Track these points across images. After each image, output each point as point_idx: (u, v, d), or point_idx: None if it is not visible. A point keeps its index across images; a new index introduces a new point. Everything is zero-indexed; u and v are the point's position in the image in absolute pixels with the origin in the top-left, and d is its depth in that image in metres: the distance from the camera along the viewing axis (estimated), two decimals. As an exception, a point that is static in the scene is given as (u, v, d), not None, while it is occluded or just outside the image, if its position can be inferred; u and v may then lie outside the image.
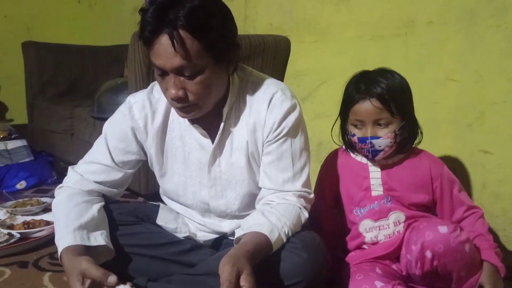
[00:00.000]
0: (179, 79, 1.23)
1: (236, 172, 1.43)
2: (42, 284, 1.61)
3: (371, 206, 1.58)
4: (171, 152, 1.47)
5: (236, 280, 1.05)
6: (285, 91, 1.39)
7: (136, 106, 1.44)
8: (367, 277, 1.43)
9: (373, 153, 1.51)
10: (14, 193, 2.78)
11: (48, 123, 3.58)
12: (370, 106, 1.47)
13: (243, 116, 1.39)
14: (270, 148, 1.38)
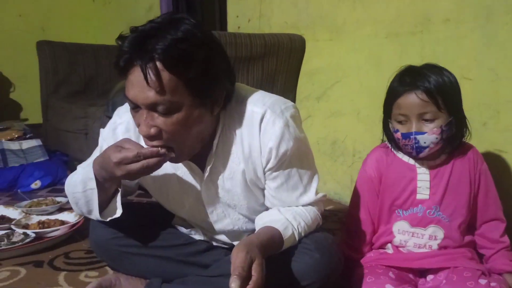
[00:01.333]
0: (152, 116, 1.13)
1: (233, 197, 1.38)
2: (57, 283, 1.63)
3: (414, 210, 1.54)
4: (164, 178, 1.40)
5: (248, 267, 1.05)
6: (274, 108, 1.27)
7: (121, 128, 1.37)
8: (378, 280, 1.43)
9: (417, 149, 1.45)
10: (29, 193, 2.82)
11: (63, 122, 3.60)
12: (416, 98, 1.41)
13: (234, 145, 1.31)
14: (275, 174, 1.31)
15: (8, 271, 1.72)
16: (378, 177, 1.58)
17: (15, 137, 3.25)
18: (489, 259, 1.57)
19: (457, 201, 1.52)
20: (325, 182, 2.70)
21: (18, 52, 4.48)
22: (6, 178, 2.89)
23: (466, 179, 1.52)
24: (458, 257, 1.51)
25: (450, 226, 1.52)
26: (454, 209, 1.52)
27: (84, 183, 1.31)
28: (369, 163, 1.61)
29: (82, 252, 1.89)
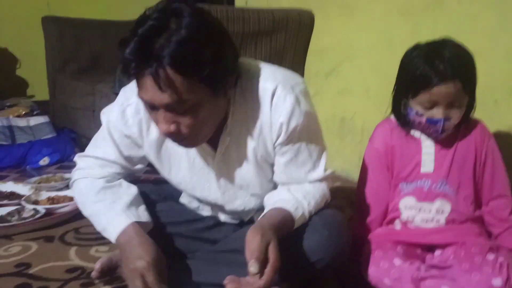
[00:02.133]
0: (169, 114, 1.12)
1: (245, 176, 1.38)
2: (68, 258, 1.67)
3: (418, 183, 1.55)
4: (174, 159, 1.39)
5: (265, 250, 1.07)
6: (285, 83, 1.27)
7: (130, 110, 1.33)
8: (386, 254, 1.45)
9: (441, 133, 1.46)
10: (38, 169, 2.85)
11: (70, 99, 3.60)
12: (452, 89, 1.39)
13: (245, 122, 1.30)
14: (284, 149, 1.31)
15: (20, 246, 1.76)
16: (386, 150, 1.58)
17: (22, 113, 3.28)
18: (498, 237, 1.58)
19: (463, 174, 1.53)
20: (333, 159, 2.69)
21: (24, 28, 4.43)
22: (15, 155, 2.92)
23: (472, 153, 1.53)
24: (466, 232, 1.53)
25: (456, 200, 1.54)
26: (460, 183, 1.53)
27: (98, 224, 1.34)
28: (375, 138, 1.62)
29: (92, 228, 1.84)
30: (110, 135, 1.37)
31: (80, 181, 1.41)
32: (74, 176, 1.44)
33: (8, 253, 1.70)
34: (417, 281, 1.37)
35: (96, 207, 1.33)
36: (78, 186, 1.41)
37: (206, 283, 1.34)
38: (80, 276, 1.54)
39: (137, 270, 1.16)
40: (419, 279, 1.37)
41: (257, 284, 1.04)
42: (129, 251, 1.21)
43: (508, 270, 1.36)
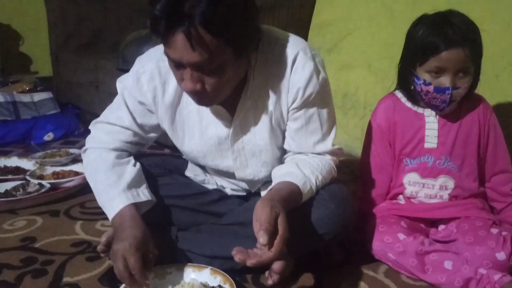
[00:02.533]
0: (196, 73, 1.13)
1: (259, 142, 1.38)
2: (74, 232, 1.66)
3: (422, 159, 1.54)
4: (188, 127, 1.40)
5: (274, 222, 1.06)
6: (306, 50, 1.28)
7: (145, 76, 1.34)
8: (390, 229, 1.45)
9: (449, 103, 1.44)
10: (42, 145, 2.85)
11: (73, 75, 3.61)
12: (461, 53, 1.37)
13: (265, 87, 1.31)
14: (297, 114, 1.33)
15: (25, 220, 1.75)
16: (388, 126, 1.57)
17: (26, 89, 3.26)
18: (500, 212, 1.58)
19: (467, 151, 1.52)
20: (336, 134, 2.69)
21: (26, 4, 4.41)
22: (19, 130, 2.92)
23: (475, 129, 1.52)
24: (469, 207, 1.52)
25: (460, 176, 1.53)
26: (463, 159, 1.52)
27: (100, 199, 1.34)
28: (378, 113, 1.61)
29: (97, 202, 1.89)
30: (125, 102, 1.38)
31: (92, 151, 1.41)
32: (86, 144, 1.44)
33: (13, 227, 1.69)
34: (421, 255, 1.36)
35: (101, 183, 1.33)
36: (89, 156, 1.41)
37: (213, 256, 1.34)
38: (86, 250, 1.53)
39: (119, 251, 1.14)
40: (423, 253, 1.36)
41: (267, 255, 1.04)
42: (118, 233, 1.21)
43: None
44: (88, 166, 1.40)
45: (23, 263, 1.43)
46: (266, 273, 1.33)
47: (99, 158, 1.37)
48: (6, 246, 1.54)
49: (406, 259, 1.38)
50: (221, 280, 1.25)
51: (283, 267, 1.29)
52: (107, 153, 1.38)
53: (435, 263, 1.34)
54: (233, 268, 1.32)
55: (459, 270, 1.31)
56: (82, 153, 1.45)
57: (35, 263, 1.43)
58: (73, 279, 1.35)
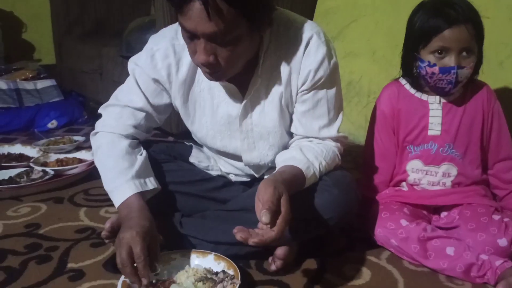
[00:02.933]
0: (210, 45, 1.13)
1: (268, 123, 1.39)
2: (78, 218, 1.67)
3: (426, 146, 1.55)
4: (199, 105, 1.42)
5: (277, 202, 1.06)
6: (320, 34, 1.30)
7: (159, 54, 1.35)
8: (393, 215, 1.46)
9: (454, 84, 1.43)
10: (46, 132, 2.87)
11: (77, 63, 3.60)
12: (464, 31, 1.38)
13: (277, 65, 1.32)
14: (305, 97, 1.34)
15: (29, 207, 1.77)
16: (392, 113, 1.57)
17: (29, 77, 3.26)
18: (503, 199, 1.58)
19: (470, 138, 1.52)
20: (341, 122, 2.71)
21: (29, -10, 4.44)
22: (23, 118, 2.93)
23: (479, 116, 1.52)
24: (472, 194, 1.52)
25: (463, 163, 1.53)
26: (467, 147, 1.52)
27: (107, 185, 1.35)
28: (382, 99, 1.61)
29: (101, 189, 1.87)
30: (137, 83, 1.39)
31: (104, 135, 1.40)
32: (97, 127, 1.44)
33: (17, 214, 1.71)
34: (423, 241, 1.37)
35: (111, 169, 1.34)
36: (100, 139, 1.40)
37: (217, 242, 1.35)
38: (90, 236, 1.54)
39: (125, 239, 1.15)
40: (426, 239, 1.37)
41: (269, 235, 1.03)
42: (125, 222, 1.21)
43: None
44: (98, 149, 1.40)
45: (27, 249, 1.45)
46: (269, 259, 1.35)
47: (112, 144, 1.37)
48: (10, 232, 1.56)
49: (408, 245, 1.38)
50: (225, 266, 1.26)
51: (286, 253, 1.31)
52: (119, 140, 1.38)
53: (437, 249, 1.35)
54: (237, 254, 1.34)
55: (461, 256, 1.32)
56: (92, 136, 1.45)
57: (39, 249, 1.45)
58: (78, 265, 1.36)
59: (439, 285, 1.31)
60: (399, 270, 1.37)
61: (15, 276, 1.30)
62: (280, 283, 1.29)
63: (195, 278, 1.18)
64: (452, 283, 1.31)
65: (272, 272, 1.33)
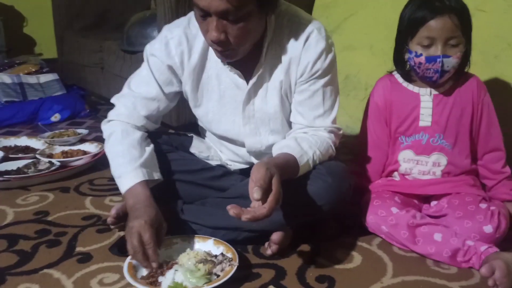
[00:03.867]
0: (222, 23, 1.23)
1: (270, 110, 1.51)
2: (84, 207, 1.79)
3: (417, 137, 1.65)
4: (207, 90, 1.53)
5: (269, 181, 1.16)
6: (321, 30, 1.42)
7: (173, 42, 1.47)
8: (384, 203, 1.56)
9: (441, 73, 1.52)
10: (49, 125, 2.97)
11: (78, 56, 3.70)
12: (448, 22, 1.47)
13: (280, 54, 1.44)
14: (303, 87, 1.46)
15: (37, 196, 1.88)
16: (384, 104, 1.68)
17: (32, 71, 3.35)
18: (491, 188, 1.69)
19: (460, 129, 1.62)
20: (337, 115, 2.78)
21: (29, -16, 4.52)
22: (26, 111, 3.03)
23: (469, 108, 1.62)
24: (461, 184, 1.63)
25: (453, 153, 1.63)
26: (456, 137, 1.62)
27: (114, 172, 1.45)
28: (375, 92, 1.72)
29: (105, 180, 2.04)
30: (151, 71, 1.51)
31: (118, 124, 1.51)
32: (110, 116, 1.54)
33: (26, 202, 1.82)
34: (412, 227, 1.47)
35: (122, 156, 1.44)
36: (114, 127, 1.50)
37: (216, 227, 1.46)
38: (96, 223, 1.65)
39: (135, 228, 1.26)
40: (415, 225, 1.47)
41: (260, 211, 1.13)
42: (133, 211, 1.32)
43: (499, 218, 1.47)
44: (111, 136, 1.49)
45: (37, 234, 1.56)
46: (265, 244, 1.45)
47: (126, 133, 1.48)
48: (21, 219, 1.67)
49: (398, 231, 1.48)
50: (224, 250, 1.37)
51: (281, 238, 1.41)
52: (133, 131, 1.49)
53: (425, 235, 1.45)
54: (235, 239, 1.45)
55: (447, 242, 1.41)
56: (104, 123, 1.55)
57: (49, 235, 1.56)
58: (85, 249, 1.47)
59: (426, 269, 1.40)
60: (388, 255, 1.47)
61: (28, 258, 1.41)
62: (275, 266, 1.39)
63: (196, 260, 1.29)
64: (439, 267, 1.41)
65: (268, 256, 1.43)
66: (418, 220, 1.49)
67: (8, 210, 1.75)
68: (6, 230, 1.59)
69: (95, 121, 3.10)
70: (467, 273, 1.38)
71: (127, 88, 1.55)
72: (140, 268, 1.29)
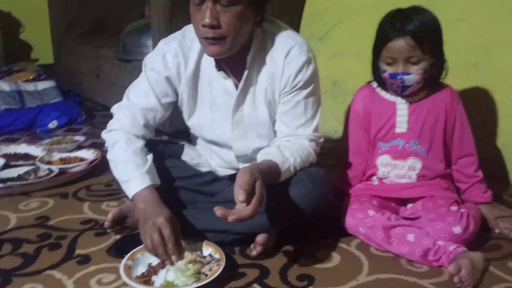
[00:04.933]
0: (215, 9, 1.38)
1: (258, 115, 1.65)
2: (82, 211, 1.92)
3: (394, 143, 1.78)
4: (201, 96, 1.67)
5: (252, 185, 1.29)
6: (302, 45, 1.56)
7: (169, 54, 1.61)
8: (362, 206, 1.70)
9: (402, 88, 1.67)
10: (47, 132, 3.11)
11: (75, 63, 3.81)
12: (404, 44, 1.61)
13: (264, 65, 1.59)
14: (286, 98, 1.60)
15: (38, 202, 2.01)
16: (364, 113, 1.82)
17: (30, 78, 3.48)
18: (465, 191, 1.82)
19: (434, 135, 1.76)
20: (325, 120, 2.91)
21: (26, -10, 4.63)
22: (25, 118, 3.15)
23: (442, 116, 1.75)
24: (435, 188, 1.77)
25: (427, 158, 1.77)
26: (431, 143, 1.76)
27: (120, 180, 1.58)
28: (355, 101, 1.86)
29: (101, 186, 2.19)
30: (149, 83, 1.64)
31: (121, 134, 1.61)
32: (111, 126, 1.66)
33: (28, 208, 1.95)
34: (387, 229, 1.60)
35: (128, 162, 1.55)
36: (118, 136, 1.61)
37: (206, 230, 1.59)
38: (94, 227, 1.79)
39: (156, 224, 1.40)
40: (389, 227, 1.60)
41: (244, 213, 1.27)
42: (149, 210, 1.45)
43: (468, 219, 1.60)
44: (116, 144, 1.60)
45: (39, 238, 1.69)
46: (251, 245, 1.59)
47: (130, 141, 1.59)
48: (23, 224, 1.80)
49: (374, 232, 1.62)
50: (212, 251, 1.50)
51: (265, 239, 1.55)
52: (137, 140, 1.61)
53: (399, 236, 1.58)
54: (223, 240, 1.58)
55: (419, 242, 1.54)
56: (105, 133, 1.66)
57: (50, 238, 1.69)
58: (84, 251, 1.60)
59: (400, 267, 1.53)
60: (365, 255, 1.60)
61: (31, 260, 1.55)
62: (260, 266, 1.52)
63: (187, 260, 1.42)
64: (412, 266, 1.54)
65: (253, 257, 1.57)
66: (392, 222, 1.62)
67: (11, 215, 1.88)
68: (10, 234, 1.73)
69: (91, 127, 3.22)
70: (437, 271, 1.51)
71: (127, 99, 1.68)
72: (135, 269, 1.43)
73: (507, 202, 1.99)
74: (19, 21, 4.67)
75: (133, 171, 1.53)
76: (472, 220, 1.62)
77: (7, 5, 4.58)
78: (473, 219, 1.62)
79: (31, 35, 4.73)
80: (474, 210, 1.72)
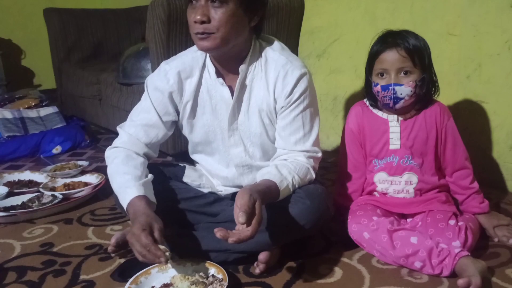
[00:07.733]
0: (207, 6, 1.49)
1: (251, 124, 1.70)
2: (87, 236, 1.95)
3: (388, 159, 1.83)
4: (201, 105, 1.74)
5: (252, 206, 1.33)
6: (294, 62, 1.64)
7: (171, 71, 1.70)
8: (366, 213, 1.74)
9: (395, 100, 1.72)
10: (51, 158, 3.15)
11: (77, 88, 3.87)
12: (396, 54, 1.69)
13: (259, 77, 1.65)
14: (284, 114, 1.65)
15: (42, 229, 2.05)
16: (358, 129, 1.87)
17: (32, 105, 3.54)
18: (463, 202, 1.87)
19: (426, 150, 1.80)
20: (327, 136, 2.97)
21: (26, 18, 4.70)
22: (29, 144, 3.19)
23: (433, 132, 1.80)
24: (433, 201, 1.81)
25: (421, 171, 1.82)
26: (424, 157, 1.81)
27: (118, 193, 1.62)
28: (349, 118, 1.91)
29: (106, 210, 2.22)
30: (151, 100, 1.73)
31: (122, 151, 1.69)
32: (115, 143, 1.73)
33: (32, 235, 1.98)
34: (391, 231, 1.64)
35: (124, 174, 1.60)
36: (118, 153, 1.68)
37: (208, 249, 1.62)
38: (98, 251, 1.81)
39: (132, 238, 1.40)
40: (393, 230, 1.64)
41: (244, 233, 1.31)
42: (133, 220, 1.48)
43: (466, 232, 1.64)
44: (116, 159, 1.66)
45: (44, 265, 1.72)
46: (255, 264, 1.62)
47: (130, 157, 1.66)
48: (28, 252, 1.83)
49: (378, 236, 1.64)
50: (215, 271, 1.52)
51: (268, 257, 1.58)
52: (137, 157, 1.68)
53: (402, 238, 1.61)
54: (226, 260, 1.61)
55: (423, 243, 1.57)
56: (108, 149, 1.72)
57: (54, 265, 1.72)
58: (89, 277, 1.63)
59: (400, 279, 1.56)
60: (367, 269, 1.63)
61: (36, 288, 1.59)
62: (263, 283, 1.55)
63: (190, 282, 1.45)
64: (412, 277, 1.56)
65: (257, 275, 1.59)
66: (395, 226, 1.67)
67: (16, 243, 1.91)
68: (14, 263, 1.76)
69: (95, 151, 3.27)
70: (437, 281, 1.54)
71: (130, 119, 1.76)
72: (139, 291, 1.46)
73: (505, 210, 2.02)
74: (20, 48, 4.74)
75: (129, 181, 1.57)
76: (470, 233, 1.65)
77: (7, 32, 4.66)
78: (471, 232, 1.66)
79: (33, 61, 4.80)
80: (472, 221, 1.76)
